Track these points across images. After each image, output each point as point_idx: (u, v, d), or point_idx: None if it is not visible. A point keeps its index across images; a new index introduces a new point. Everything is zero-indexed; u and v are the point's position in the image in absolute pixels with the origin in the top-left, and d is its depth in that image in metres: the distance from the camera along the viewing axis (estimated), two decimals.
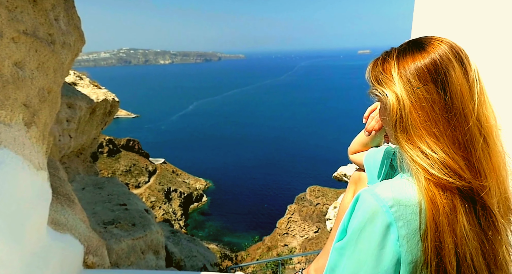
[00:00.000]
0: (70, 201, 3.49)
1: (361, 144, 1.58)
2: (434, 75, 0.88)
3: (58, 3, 2.99)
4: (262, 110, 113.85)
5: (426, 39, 0.96)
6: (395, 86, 0.91)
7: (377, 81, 0.98)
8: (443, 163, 0.85)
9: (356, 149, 1.61)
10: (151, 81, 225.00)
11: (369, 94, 1.06)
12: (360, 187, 1.49)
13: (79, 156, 6.35)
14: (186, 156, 64.52)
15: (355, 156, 1.62)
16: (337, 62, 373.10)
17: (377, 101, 1.08)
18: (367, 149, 1.55)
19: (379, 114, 1.12)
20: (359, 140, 1.59)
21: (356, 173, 1.60)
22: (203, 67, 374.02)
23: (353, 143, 1.64)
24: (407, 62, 0.92)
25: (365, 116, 1.41)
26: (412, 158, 0.88)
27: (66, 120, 5.80)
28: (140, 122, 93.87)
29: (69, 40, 3.04)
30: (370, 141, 1.53)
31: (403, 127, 0.90)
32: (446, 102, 0.87)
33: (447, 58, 0.90)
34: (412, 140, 0.89)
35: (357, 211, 0.92)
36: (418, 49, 0.93)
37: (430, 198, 0.84)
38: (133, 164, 46.15)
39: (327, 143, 72.42)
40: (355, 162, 1.62)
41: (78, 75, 6.40)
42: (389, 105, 0.92)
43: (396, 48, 1.01)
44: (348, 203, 1.50)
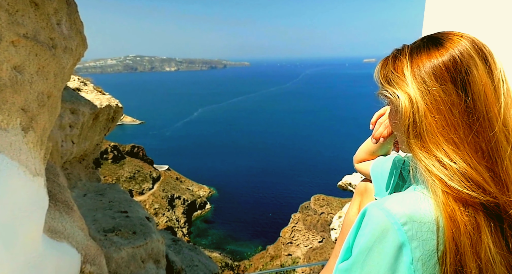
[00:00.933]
0: (68, 208, 3.42)
1: (368, 152, 1.45)
2: (453, 74, 0.79)
3: (60, 8, 2.97)
4: (266, 117, 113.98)
5: (444, 34, 0.85)
6: (407, 87, 0.82)
7: (387, 82, 0.88)
8: (464, 174, 0.74)
9: (362, 157, 1.49)
10: (157, 88, 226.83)
11: (378, 96, 0.95)
12: (367, 199, 1.38)
13: (81, 162, 6.31)
14: (190, 163, 64.52)
15: (361, 165, 1.50)
16: (342, 71, 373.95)
17: (387, 104, 0.98)
18: (374, 157, 1.43)
19: (389, 119, 0.99)
20: (365, 147, 1.47)
21: (362, 184, 1.47)
22: (209, 74, 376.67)
23: (359, 151, 1.52)
24: (422, 60, 0.82)
25: (372, 122, 1.29)
26: (427, 168, 0.78)
27: (69, 126, 5.77)
28: (145, 129, 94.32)
29: (71, 44, 3.01)
30: (377, 149, 1.41)
31: (417, 132, 0.80)
32: (467, 105, 0.77)
33: (468, 55, 0.80)
34: (427, 147, 0.79)
35: (364, 228, 0.81)
36: (435, 45, 0.83)
37: (449, 215, 0.73)
38: (137, 171, 46.22)
39: (331, 151, 72.11)
40: (361, 171, 1.51)
41: (82, 81, 6.39)
42: (401, 108, 0.83)
43: (409, 45, 0.90)
44: (354, 216, 1.40)
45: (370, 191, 1.36)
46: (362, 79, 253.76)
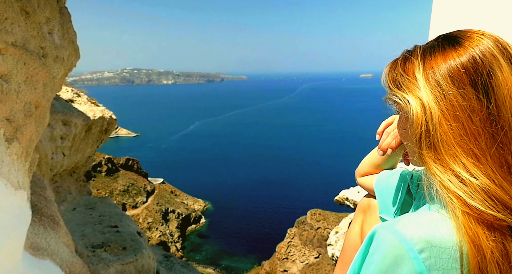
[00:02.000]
0: (54, 223, 3.27)
1: (372, 165, 1.32)
2: (473, 76, 0.69)
3: (53, 17, 2.92)
4: (263, 131, 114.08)
5: (462, 33, 0.75)
6: (419, 91, 0.72)
7: (396, 85, 0.79)
8: (487, 192, 0.64)
9: (366, 170, 1.36)
10: (153, 100, 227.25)
11: (386, 101, 0.85)
12: (370, 217, 1.26)
13: (72, 174, 6.16)
14: (186, 176, 63.98)
15: (364, 179, 1.37)
16: (339, 85, 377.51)
17: (395, 111, 0.87)
18: (379, 171, 1.31)
19: (398, 127, 0.87)
20: (370, 160, 1.35)
21: (365, 200, 1.35)
22: (206, 87, 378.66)
23: (362, 163, 1.39)
24: (436, 61, 0.73)
25: (379, 132, 1.19)
26: (443, 184, 0.68)
27: (60, 138, 5.66)
28: (140, 142, 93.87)
29: (63, 54, 2.94)
30: (383, 162, 1.29)
31: (430, 143, 0.70)
32: (489, 112, 0.67)
33: (491, 54, 0.69)
34: (442, 159, 0.69)
35: (373, 254, 0.69)
36: (452, 44, 0.73)
37: (472, 240, 0.62)
38: (131, 184, 45.69)
39: (328, 166, 71.96)
40: (364, 186, 1.38)
41: (75, 92, 6.31)
42: (412, 115, 0.73)
43: (421, 45, 0.80)
44: (356, 236, 1.28)
45: (374, 208, 1.24)
46: (359, 94, 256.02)
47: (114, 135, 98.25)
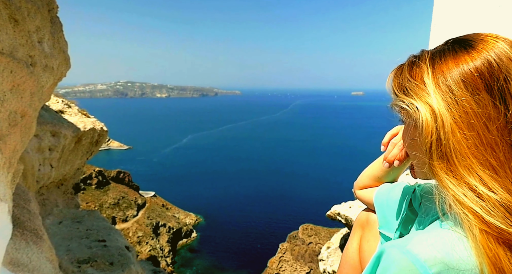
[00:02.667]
0: (37, 237, 3.15)
1: (373, 178, 1.25)
2: (488, 81, 0.64)
3: (43, 26, 2.89)
4: (256, 146, 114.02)
5: (475, 36, 0.70)
6: (429, 97, 0.67)
7: (403, 91, 0.73)
8: (508, 208, 0.58)
9: (366, 183, 1.29)
10: (146, 113, 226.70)
11: (392, 108, 0.80)
12: (369, 232, 1.19)
13: (59, 187, 6.01)
14: (177, 190, 63.29)
15: (363, 192, 1.30)
16: (331, 102, 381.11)
17: (400, 120, 0.81)
18: (379, 184, 1.24)
19: (405, 136, 0.81)
20: (370, 172, 1.27)
21: (364, 214, 1.28)
22: (199, 101, 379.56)
23: (362, 176, 1.31)
24: (448, 65, 0.67)
25: (384, 143, 1.10)
26: (457, 198, 0.61)
27: (49, 149, 5.54)
28: (132, 154, 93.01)
29: (52, 63, 2.89)
30: (384, 175, 1.21)
31: (442, 153, 0.64)
32: (507, 120, 0.62)
33: (508, 58, 0.64)
34: (456, 171, 0.63)
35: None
36: (464, 47, 0.68)
37: (492, 262, 0.55)
38: (121, 197, 44.96)
39: (320, 181, 71.88)
40: (363, 199, 1.31)
41: (66, 103, 6.23)
42: (421, 122, 0.67)
43: (428, 50, 0.75)
44: (354, 253, 1.22)
45: (373, 223, 1.18)
46: (350, 111, 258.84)
47: (106, 147, 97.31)
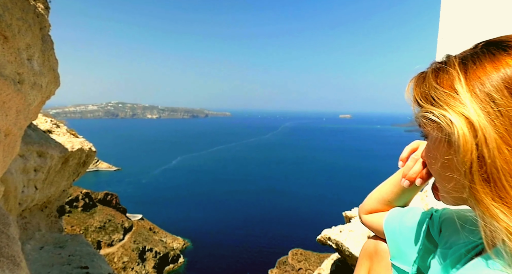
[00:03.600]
0: (14, 265, 2.95)
1: (382, 201, 1.11)
2: None
3: (34, 44, 2.83)
4: (246, 168, 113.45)
5: None
6: (464, 107, 0.57)
7: (430, 101, 0.63)
8: None
9: (373, 207, 1.15)
10: (136, 134, 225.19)
11: (416, 121, 0.69)
12: (378, 264, 1.04)
13: (43, 209, 5.77)
14: (166, 212, 61.98)
15: (370, 217, 1.15)
16: (319, 124, 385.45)
17: (423, 135, 0.71)
18: (388, 208, 1.10)
19: (433, 153, 0.68)
20: (378, 195, 1.13)
21: (371, 243, 1.13)
22: (190, 123, 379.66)
23: (369, 198, 1.17)
24: (485, 70, 0.57)
25: (403, 158, 0.96)
26: (510, 230, 0.51)
27: (34, 170, 5.35)
28: (121, 176, 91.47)
29: (41, 81, 2.81)
30: (395, 197, 1.07)
31: (487, 175, 0.54)
32: None
33: None
34: (506, 197, 0.52)
35: None
36: (504, 49, 0.59)
37: None
38: (108, 220, 43.72)
39: (310, 204, 71.36)
40: (370, 225, 1.16)
41: (55, 123, 6.09)
42: (457, 138, 0.57)
43: (455, 55, 0.66)
44: None
45: (384, 253, 1.04)
46: (338, 133, 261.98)
47: (94, 169, 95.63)
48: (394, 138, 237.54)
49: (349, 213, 12.95)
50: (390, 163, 44.02)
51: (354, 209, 12.95)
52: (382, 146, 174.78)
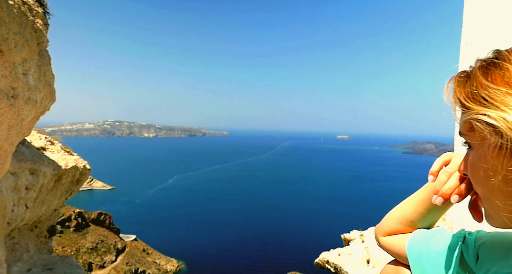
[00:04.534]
0: None
1: (404, 221, 0.97)
2: None
3: (30, 58, 2.78)
4: (242, 188, 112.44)
5: None
6: None
7: (479, 102, 0.55)
8: None
9: (393, 228, 1.01)
10: (133, 153, 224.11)
11: (463, 125, 0.60)
12: None
13: (33, 229, 5.58)
14: (160, 233, 60.74)
15: (390, 240, 1.01)
16: (317, 145, 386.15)
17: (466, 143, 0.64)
18: (411, 229, 0.97)
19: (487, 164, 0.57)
20: (400, 214, 0.99)
21: (391, 269, 0.99)
22: (187, 141, 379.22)
23: (388, 218, 1.03)
24: None
25: (433, 172, 0.81)
26: None
27: (25, 188, 5.21)
28: (115, 195, 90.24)
29: (36, 96, 2.75)
30: (420, 218, 0.94)
31: None
32: None
33: None
34: None
35: None
36: None
37: None
38: (100, 240, 42.73)
39: (307, 226, 70.31)
40: (390, 249, 1.01)
41: (49, 140, 5.99)
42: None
43: (506, 49, 0.59)
44: None
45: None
46: (336, 154, 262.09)
47: (88, 187, 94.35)
48: (392, 159, 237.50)
49: (348, 236, 12.64)
50: (388, 185, 43.98)
51: (352, 231, 12.65)
52: (380, 167, 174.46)
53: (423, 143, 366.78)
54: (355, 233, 12.45)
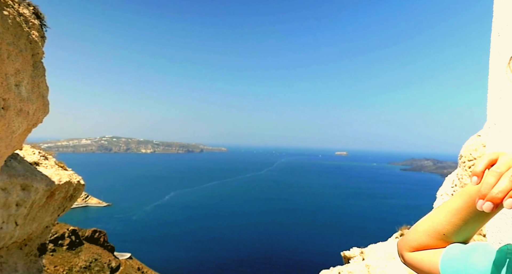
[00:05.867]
0: None
1: (435, 234, 0.83)
2: None
3: (24, 69, 2.71)
4: (240, 204, 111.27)
5: None
6: None
7: None
8: None
9: (422, 242, 0.86)
10: (129, 169, 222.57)
11: None
12: None
13: (22, 248, 5.38)
14: (155, 251, 59.55)
15: (419, 256, 0.87)
16: (315, 161, 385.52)
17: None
18: (444, 244, 0.83)
19: None
20: (430, 226, 0.85)
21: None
22: (185, 157, 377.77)
23: (415, 231, 0.89)
24: None
25: (478, 173, 0.69)
26: None
27: (16, 205, 5.05)
28: (111, 212, 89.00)
29: (28, 108, 2.66)
30: (455, 230, 0.81)
31: None
32: None
33: None
34: None
35: None
36: None
37: None
38: (94, 259, 41.76)
39: (307, 243, 69.24)
40: (419, 266, 0.87)
41: (43, 155, 5.87)
42: None
43: None
44: None
45: None
46: (335, 170, 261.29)
47: (83, 204, 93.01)
48: (391, 176, 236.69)
49: (348, 253, 12.35)
50: (388, 202, 43.47)
51: (352, 248, 12.37)
52: (379, 184, 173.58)
53: (421, 159, 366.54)
54: (355, 251, 12.19)
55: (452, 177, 8.03)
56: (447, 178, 8.57)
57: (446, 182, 8.45)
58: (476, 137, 6.57)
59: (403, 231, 10.51)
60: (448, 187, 7.93)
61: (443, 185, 8.53)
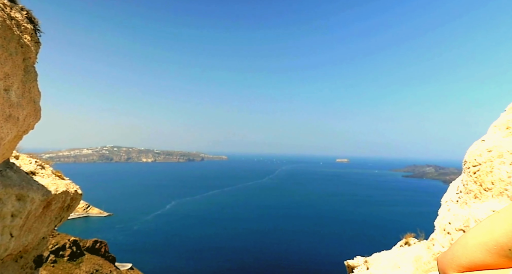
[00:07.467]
0: None
1: (497, 250, 0.60)
2: None
3: (14, 74, 2.61)
4: (242, 213, 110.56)
5: None
6: None
7: None
8: None
9: (478, 260, 0.61)
10: (131, 178, 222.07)
11: None
12: None
13: (17, 260, 5.21)
14: (157, 261, 58.95)
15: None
16: (316, 169, 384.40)
17: None
18: (508, 264, 0.60)
19: None
20: (489, 239, 0.60)
21: None
22: (186, 166, 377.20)
23: (466, 245, 0.63)
24: None
25: None
26: None
27: (11, 215, 4.91)
28: (112, 222, 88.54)
29: (18, 114, 2.55)
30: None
31: None
32: None
33: None
34: None
35: None
36: None
37: None
38: (95, 270, 41.32)
39: (309, 252, 68.52)
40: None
41: (40, 164, 5.74)
42: None
43: None
44: None
45: None
46: (336, 178, 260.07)
47: (84, 214, 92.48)
48: (393, 183, 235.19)
49: (352, 262, 12.09)
50: (391, 209, 43.19)
51: (356, 257, 12.10)
52: (381, 191, 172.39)
53: (423, 166, 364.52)
54: (359, 260, 11.94)
55: (457, 183, 7.84)
56: (451, 184, 8.38)
57: (450, 188, 8.26)
58: (480, 141, 6.41)
59: (407, 239, 10.30)
60: (453, 194, 7.73)
61: (448, 191, 8.33)
